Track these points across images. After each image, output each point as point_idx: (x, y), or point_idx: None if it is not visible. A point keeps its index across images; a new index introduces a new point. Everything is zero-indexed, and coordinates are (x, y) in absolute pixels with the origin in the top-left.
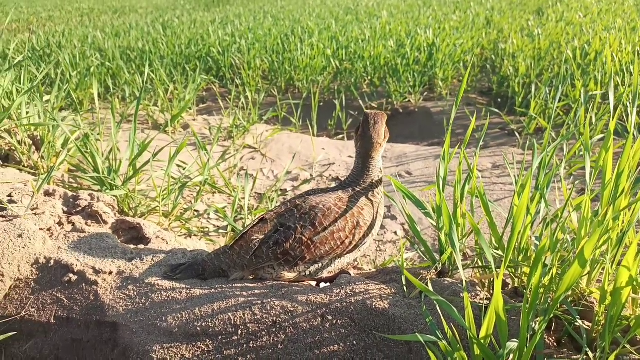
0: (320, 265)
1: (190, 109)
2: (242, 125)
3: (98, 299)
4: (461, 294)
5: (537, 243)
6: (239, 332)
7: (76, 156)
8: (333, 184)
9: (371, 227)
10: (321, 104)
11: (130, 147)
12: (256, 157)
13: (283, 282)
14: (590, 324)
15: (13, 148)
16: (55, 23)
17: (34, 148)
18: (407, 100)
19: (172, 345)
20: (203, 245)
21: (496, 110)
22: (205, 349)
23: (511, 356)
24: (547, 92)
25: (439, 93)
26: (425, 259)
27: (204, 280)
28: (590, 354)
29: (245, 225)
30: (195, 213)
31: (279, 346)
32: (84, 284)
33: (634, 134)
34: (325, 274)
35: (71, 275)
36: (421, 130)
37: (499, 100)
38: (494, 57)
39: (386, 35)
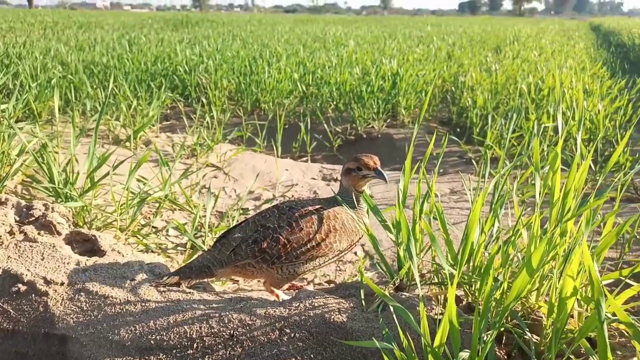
0: (296, 265)
1: (153, 125)
2: (206, 144)
3: (48, 310)
4: (417, 307)
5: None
6: (195, 345)
7: (31, 166)
8: None
9: (350, 234)
10: (286, 126)
11: (89, 158)
12: (219, 176)
13: (242, 295)
14: (539, 338)
15: None
16: (17, 34)
17: None
18: (370, 126)
19: (125, 359)
20: (161, 259)
21: (455, 138)
22: None
23: None
24: (503, 123)
25: (401, 120)
26: (385, 276)
27: (160, 293)
28: None
29: (206, 242)
30: (154, 229)
31: (236, 357)
32: (33, 295)
33: (580, 158)
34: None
35: (20, 285)
36: (383, 156)
37: (458, 129)
38: (454, 89)
39: (352, 63)
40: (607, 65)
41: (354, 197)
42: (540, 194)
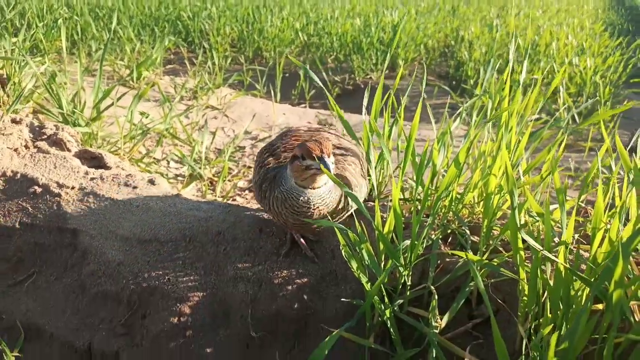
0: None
1: (156, 68)
2: (207, 87)
3: (60, 208)
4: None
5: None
6: (188, 239)
7: (42, 96)
8: None
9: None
10: (287, 74)
11: (95, 90)
12: (218, 117)
13: (231, 203)
14: (478, 238)
15: None
16: None
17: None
18: (368, 76)
19: (128, 249)
20: (164, 181)
21: (447, 89)
22: (157, 253)
23: (407, 254)
24: (496, 76)
25: (399, 72)
26: None
27: (159, 198)
28: (471, 254)
29: (204, 174)
30: (155, 160)
31: (222, 252)
32: (47, 196)
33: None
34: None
35: (36, 187)
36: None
37: (454, 82)
38: (453, 43)
39: (354, 14)
40: (612, 26)
41: (289, 191)
42: (489, 115)
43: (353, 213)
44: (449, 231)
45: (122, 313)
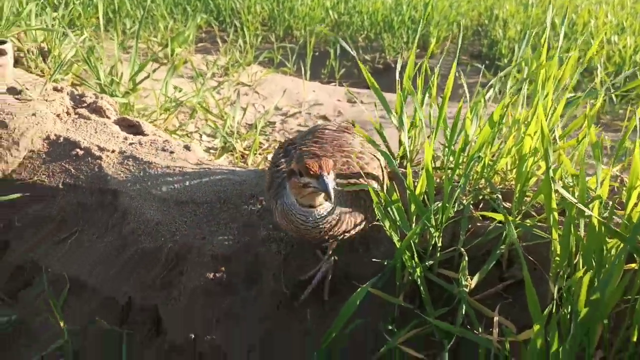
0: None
1: (189, 45)
2: (239, 64)
3: (102, 170)
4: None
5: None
6: (222, 201)
7: (80, 69)
8: (320, 121)
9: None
10: (316, 53)
11: (131, 64)
12: (249, 94)
13: (264, 169)
14: (510, 204)
15: (22, 55)
16: None
17: (41, 58)
18: (399, 55)
19: (165, 209)
20: (199, 147)
21: (479, 65)
22: (193, 214)
23: (438, 215)
24: (531, 54)
25: (431, 51)
26: None
27: (195, 163)
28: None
29: (236, 148)
30: (188, 132)
31: (256, 214)
32: (89, 158)
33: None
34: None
35: (78, 150)
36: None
37: (487, 62)
38: (487, 22)
39: None
40: None
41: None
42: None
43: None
44: (480, 197)
45: (161, 269)
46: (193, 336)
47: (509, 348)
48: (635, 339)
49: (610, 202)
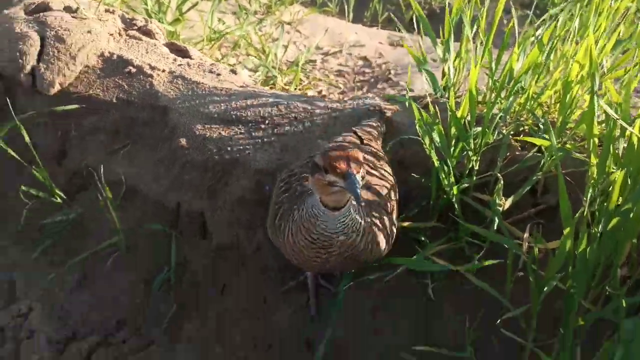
0: None
1: None
2: (281, 1)
3: (153, 88)
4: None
5: None
6: (266, 122)
7: None
8: (360, 62)
9: None
10: None
11: None
12: (290, 32)
13: (308, 94)
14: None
15: None
16: None
17: None
18: (445, 1)
19: (212, 126)
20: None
21: (529, 13)
22: (238, 131)
23: (477, 139)
24: None
25: None
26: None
27: (240, 86)
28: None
29: (277, 83)
30: (230, 65)
31: (298, 134)
32: (141, 76)
33: None
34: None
35: (131, 67)
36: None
37: (537, 12)
38: None
39: None
40: None
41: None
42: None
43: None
44: (520, 129)
45: (208, 180)
46: (237, 239)
47: (537, 256)
48: None
49: None
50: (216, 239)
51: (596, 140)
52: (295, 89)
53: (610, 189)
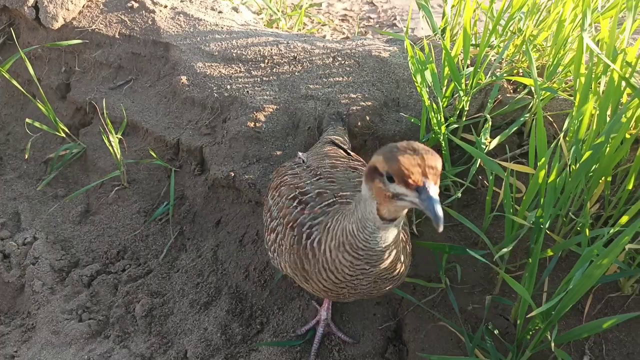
0: None
1: None
2: None
3: (155, 24)
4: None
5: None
6: (266, 61)
7: None
8: (366, 7)
9: None
10: None
11: None
12: None
13: (308, 34)
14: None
15: None
16: None
17: None
18: None
19: (213, 64)
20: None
21: None
22: (238, 70)
23: (469, 81)
24: None
25: None
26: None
27: (241, 24)
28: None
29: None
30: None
31: (296, 73)
32: (143, 11)
33: None
34: None
35: (134, 2)
36: None
37: None
38: None
39: None
40: None
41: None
42: None
43: None
44: (515, 71)
45: (207, 117)
46: (233, 174)
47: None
48: (630, 186)
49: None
50: (213, 174)
51: (582, 79)
52: (299, 30)
53: (581, 120)
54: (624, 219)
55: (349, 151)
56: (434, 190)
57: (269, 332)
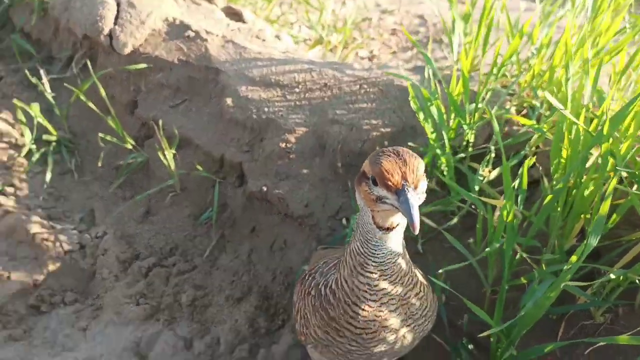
0: None
1: None
2: None
3: (207, 51)
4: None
5: None
6: (300, 86)
7: None
8: (416, 21)
9: None
10: None
11: None
12: None
13: (338, 62)
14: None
15: None
16: None
17: None
18: None
19: (254, 88)
20: (289, 38)
21: None
22: (275, 94)
23: (472, 115)
24: None
25: None
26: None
27: (281, 52)
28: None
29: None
30: (289, 23)
31: (326, 99)
32: (198, 40)
33: None
34: None
35: (190, 32)
36: None
37: None
38: None
39: None
40: None
41: (373, 235)
42: None
43: None
44: (524, 105)
45: (247, 136)
46: (265, 188)
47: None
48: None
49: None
50: (250, 187)
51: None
52: (346, 47)
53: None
54: (574, 258)
55: None
56: (412, 194)
57: (288, 327)
